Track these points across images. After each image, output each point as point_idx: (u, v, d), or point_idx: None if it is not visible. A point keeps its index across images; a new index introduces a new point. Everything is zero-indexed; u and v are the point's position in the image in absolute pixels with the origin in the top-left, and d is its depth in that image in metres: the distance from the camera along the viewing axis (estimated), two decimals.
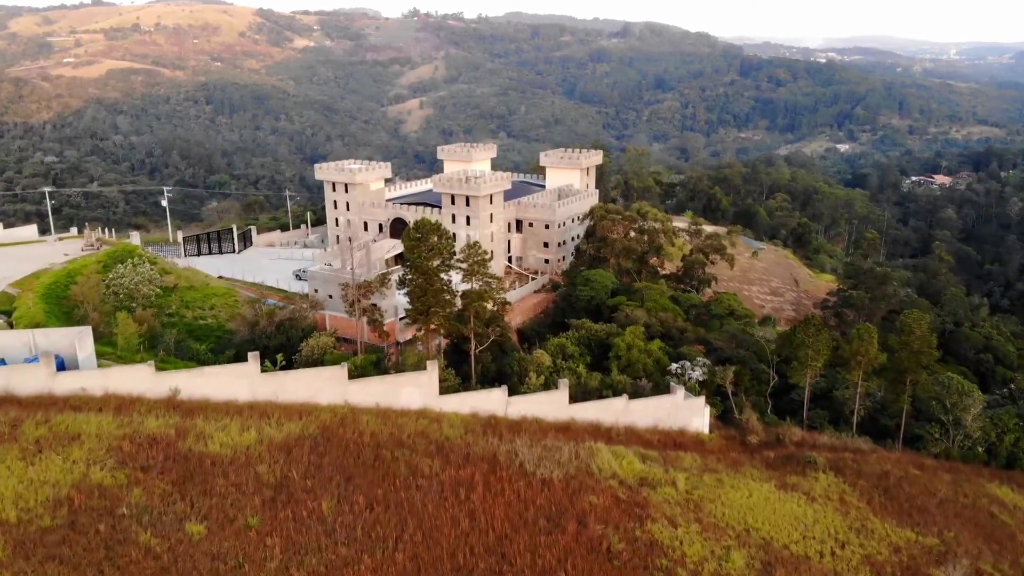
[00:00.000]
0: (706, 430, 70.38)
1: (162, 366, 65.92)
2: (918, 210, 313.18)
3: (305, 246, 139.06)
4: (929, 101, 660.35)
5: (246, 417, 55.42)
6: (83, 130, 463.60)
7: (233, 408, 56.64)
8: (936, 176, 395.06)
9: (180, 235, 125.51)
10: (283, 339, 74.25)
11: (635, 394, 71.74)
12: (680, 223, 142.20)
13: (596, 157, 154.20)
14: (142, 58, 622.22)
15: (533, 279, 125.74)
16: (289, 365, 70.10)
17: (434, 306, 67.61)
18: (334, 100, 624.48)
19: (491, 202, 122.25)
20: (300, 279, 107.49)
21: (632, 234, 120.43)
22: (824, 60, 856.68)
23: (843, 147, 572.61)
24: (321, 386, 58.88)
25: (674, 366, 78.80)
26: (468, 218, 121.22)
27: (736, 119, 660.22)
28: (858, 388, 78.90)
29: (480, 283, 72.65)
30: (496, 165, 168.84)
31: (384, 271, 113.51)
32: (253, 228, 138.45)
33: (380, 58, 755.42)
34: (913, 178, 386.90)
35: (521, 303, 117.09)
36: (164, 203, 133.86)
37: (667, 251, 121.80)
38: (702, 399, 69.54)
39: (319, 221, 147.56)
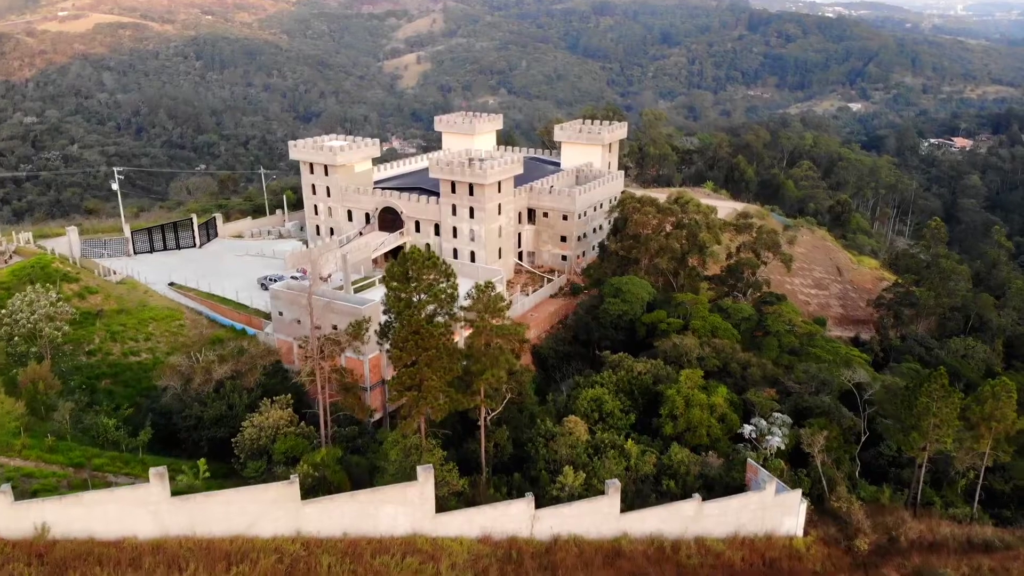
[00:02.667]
0: (800, 532, 51.98)
1: (49, 458, 47.46)
2: (940, 176, 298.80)
3: (280, 235, 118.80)
4: (941, 59, 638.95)
5: (146, 571, 37.18)
6: (67, 88, 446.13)
7: (128, 552, 38.44)
8: (955, 139, 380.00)
9: (127, 229, 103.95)
10: (223, 408, 54.68)
11: (704, 483, 53.30)
12: (719, 208, 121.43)
13: (620, 130, 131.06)
14: (130, 11, 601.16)
15: (549, 280, 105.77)
16: (228, 449, 51.24)
17: (429, 378, 47.72)
18: (328, 55, 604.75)
19: (499, 190, 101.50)
20: (266, 288, 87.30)
21: (668, 228, 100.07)
22: (834, 15, 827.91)
23: (855, 106, 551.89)
24: (263, 511, 40.18)
25: (747, 428, 60.08)
26: (472, 209, 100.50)
27: (744, 76, 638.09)
28: (984, 460, 60.17)
29: (492, 332, 52.71)
30: (499, 133, 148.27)
31: (364, 281, 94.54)
32: (218, 216, 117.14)
33: (376, 11, 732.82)
34: (931, 140, 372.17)
35: (535, 311, 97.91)
36: (115, 186, 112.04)
37: (712, 250, 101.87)
38: (797, 494, 51.06)
39: (300, 203, 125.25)
